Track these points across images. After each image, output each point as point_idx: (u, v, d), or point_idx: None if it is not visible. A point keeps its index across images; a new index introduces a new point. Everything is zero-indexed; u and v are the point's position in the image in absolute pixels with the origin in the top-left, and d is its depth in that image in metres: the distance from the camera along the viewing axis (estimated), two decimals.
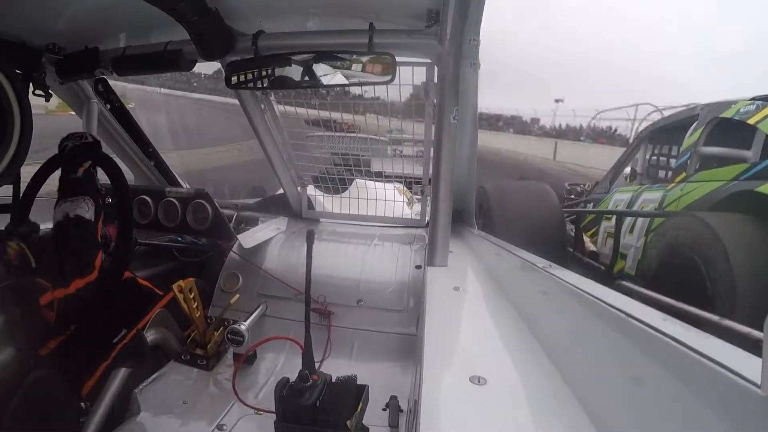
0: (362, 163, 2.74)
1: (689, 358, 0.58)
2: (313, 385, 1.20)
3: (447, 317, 1.25)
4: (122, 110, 2.61)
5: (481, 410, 0.76)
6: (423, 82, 2.00)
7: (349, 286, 2.16)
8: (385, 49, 1.60)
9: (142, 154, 2.83)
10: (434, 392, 0.82)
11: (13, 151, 1.48)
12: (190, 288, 1.89)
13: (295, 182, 2.76)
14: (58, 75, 2.07)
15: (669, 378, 0.63)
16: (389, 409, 1.55)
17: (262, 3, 1.68)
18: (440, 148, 1.68)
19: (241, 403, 1.66)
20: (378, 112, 2.26)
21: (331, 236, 2.69)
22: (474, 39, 1.61)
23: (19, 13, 1.71)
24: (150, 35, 1.94)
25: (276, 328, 2.06)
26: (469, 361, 0.94)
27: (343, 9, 1.69)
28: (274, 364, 1.97)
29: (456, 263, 1.74)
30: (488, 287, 1.51)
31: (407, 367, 1.84)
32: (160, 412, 1.66)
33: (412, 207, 3.25)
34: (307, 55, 1.64)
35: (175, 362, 1.93)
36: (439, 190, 1.72)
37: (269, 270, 2.26)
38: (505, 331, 1.14)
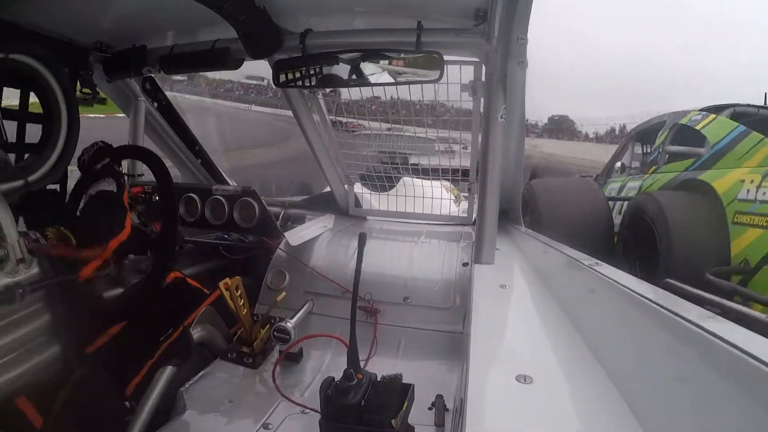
0: (409, 160, 2.73)
1: (737, 357, 0.57)
2: (358, 383, 1.19)
3: (493, 315, 1.25)
4: (169, 108, 2.65)
5: (528, 409, 0.76)
6: (470, 81, 1.99)
7: (396, 284, 2.16)
8: (433, 48, 1.60)
9: (189, 153, 2.86)
10: (480, 391, 0.82)
11: (60, 149, 1.49)
12: (237, 286, 1.89)
13: (342, 180, 2.77)
14: (106, 73, 2.11)
15: (715, 377, 0.62)
16: (435, 408, 1.53)
17: (309, 1, 1.70)
18: (487, 146, 1.68)
19: (286, 402, 1.67)
20: (426, 110, 2.25)
21: (377, 234, 2.69)
22: (521, 37, 1.59)
23: (67, 12, 1.75)
24: (197, 33, 1.96)
25: (322, 325, 2.06)
26: (515, 360, 0.94)
27: (391, 8, 1.69)
28: (320, 362, 1.98)
29: (503, 261, 1.73)
30: (535, 285, 1.50)
31: (453, 365, 1.83)
32: (206, 411, 1.67)
33: (459, 204, 3.23)
34: (354, 54, 1.65)
35: (221, 360, 1.94)
36: (486, 188, 1.71)
37: (316, 267, 2.27)
38: (552, 329, 1.13)
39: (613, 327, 1.01)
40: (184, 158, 2.87)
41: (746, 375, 0.56)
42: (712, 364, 0.64)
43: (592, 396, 0.82)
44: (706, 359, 0.65)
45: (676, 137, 5.17)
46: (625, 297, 0.96)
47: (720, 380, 0.62)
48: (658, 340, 0.80)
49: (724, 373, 0.61)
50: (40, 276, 1.27)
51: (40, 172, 1.42)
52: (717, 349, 0.62)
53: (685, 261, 3.67)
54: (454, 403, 1.47)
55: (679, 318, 0.73)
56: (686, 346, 0.70)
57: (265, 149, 16.19)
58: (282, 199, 3.23)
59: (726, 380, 0.61)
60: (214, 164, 3.04)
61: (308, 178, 4.94)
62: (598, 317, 1.10)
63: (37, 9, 1.67)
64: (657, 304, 0.82)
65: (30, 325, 1.24)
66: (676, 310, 0.76)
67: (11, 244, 1.23)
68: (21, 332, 1.21)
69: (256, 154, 15.16)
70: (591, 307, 1.17)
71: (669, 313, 0.76)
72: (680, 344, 0.72)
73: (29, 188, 1.38)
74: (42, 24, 1.77)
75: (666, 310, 0.78)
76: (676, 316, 0.74)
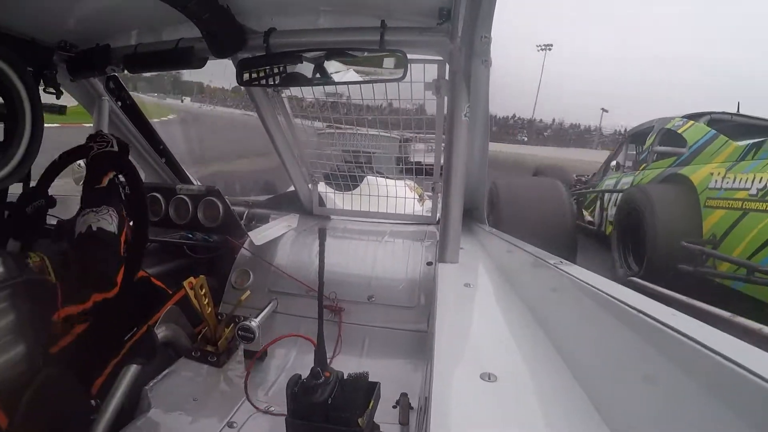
0: (373, 159, 2.73)
1: (700, 354, 0.58)
2: (325, 382, 1.19)
3: (458, 314, 1.25)
4: (133, 107, 2.61)
5: (492, 407, 0.77)
6: (434, 80, 2.00)
7: (360, 283, 2.16)
8: (397, 47, 1.60)
9: (153, 152, 2.83)
10: (445, 389, 0.82)
11: (24, 148, 1.46)
12: (201, 285, 1.88)
13: (306, 179, 2.76)
14: (70, 72, 2.07)
15: (680, 374, 0.63)
16: (400, 406, 1.54)
17: (273, 0, 1.68)
18: (452, 145, 1.68)
19: (252, 399, 1.67)
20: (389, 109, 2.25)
21: (342, 233, 2.69)
22: (485, 36, 1.60)
23: (30, 10, 1.71)
24: (161, 32, 1.93)
25: (287, 324, 2.06)
26: (479, 358, 0.94)
27: (355, 6, 1.69)
28: (285, 360, 1.97)
29: (467, 260, 1.74)
30: (499, 284, 1.52)
31: (418, 364, 1.84)
32: (171, 409, 1.66)
33: (423, 204, 3.25)
34: (318, 53, 1.64)
35: (186, 359, 1.93)
36: (450, 187, 1.72)
37: (280, 267, 2.26)
38: (516, 327, 1.14)
39: (577, 325, 1.02)
40: (148, 157, 2.83)
41: (709, 371, 0.57)
42: (675, 360, 0.65)
43: (557, 394, 0.82)
44: (669, 356, 0.66)
45: (663, 139, 6.52)
46: (590, 295, 0.97)
47: (683, 376, 0.63)
48: (622, 338, 0.81)
49: (687, 369, 0.62)
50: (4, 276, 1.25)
51: (5, 172, 1.39)
52: (680, 345, 0.63)
53: (666, 237, 4.85)
54: (419, 401, 1.47)
55: (642, 315, 0.74)
56: (650, 344, 0.71)
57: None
58: (246, 198, 3.22)
59: (689, 376, 0.62)
60: (178, 163, 3.01)
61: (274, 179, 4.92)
62: (563, 315, 1.11)
63: (0, 8, 1.63)
64: (621, 302, 0.83)
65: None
66: (639, 308, 0.77)
67: None
68: None
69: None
70: (555, 305, 1.19)
71: (633, 311, 0.77)
72: (644, 341, 0.73)
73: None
74: (4, 23, 1.72)
75: (630, 307, 0.79)
76: (640, 314, 0.75)
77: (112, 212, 1.57)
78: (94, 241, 1.50)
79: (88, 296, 1.44)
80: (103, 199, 1.60)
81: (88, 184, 1.64)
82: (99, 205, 1.57)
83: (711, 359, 0.56)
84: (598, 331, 0.92)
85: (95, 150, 1.69)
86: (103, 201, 1.59)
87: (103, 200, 1.59)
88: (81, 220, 1.54)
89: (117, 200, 1.65)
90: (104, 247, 1.52)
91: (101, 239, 1.50)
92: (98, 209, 1.56)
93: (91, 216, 1.54)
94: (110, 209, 1.58)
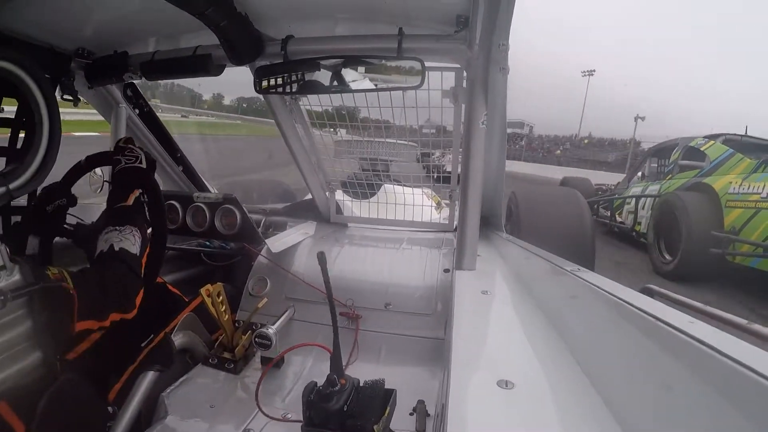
0: (390, 167, 2.73)
1: (717, 361, 0.58)
2: (341, 389, 1.18)
3: (475, 321, 1.25)
4: (151, 115, 2.63)
5: (509, 414, 0.76)
6: (452, 87, 2.00)
7: (377, 290, 2.16)
8: (415, 54, 1.60)
9: (171, 159, 2.85)
10: (462, 396, 0.82)
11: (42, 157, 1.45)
12: (218, 292, 1.89)
13: (323, 187, 2.77)
14: (87, 79, 2.09)
15: (697, 381, 0.63)
16: (416, 413, 1.53)
17: (291, 8, 1.69)
18: (469, 153, 1.68)
19: (268, 407, 1.63)
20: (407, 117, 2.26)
21: (359, 241, 2.69)
22: (503, 44, 1.60)
23: (48, 18, 1.73)
24: (179, 40, 1.95)
25: (304, 331, 2.06)
26: (496, 365, 0.94)
27: (373, 14, 1.69)
28: (302, 368, 1.97)
29: (484, 267, 1.74)
30: (516, 291, 1.51)
31: (435, 371, 1.83)
32: (188, 416, 1.66)
33: (441, 211, 3.24)
34: (336, 60, 1.64)
35: (203, 366, 1.94)
36: (467, 194, 1.72)
37: (297, 274, 2.26)
38: (533, 334, 1.13)
39: (594, 332, 1.02)
40: (165, 165, 2.84)
41: (728, 378, 0.56)
42: (692, 367, 0.64)
43: (574, 401, 0.82)
44: (686, 363, 0.66)
45: (686, 155, 8.63)
46: (607, 302, 0.97)
47: (700, 384, 0.62)
48: (639, 345, 0.80)
49: (704, 376, 0.61)
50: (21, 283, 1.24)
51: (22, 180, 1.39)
52: (697, 352, 0.62)
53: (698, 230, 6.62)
54: (436, 408, 1.46)
55: (660, 322, 0.74)
56: (667, 351, 0.71)
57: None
58: (263, 206, 3.22)
59: (706, 384, 0.61)
60: (196, 171, 3.02)
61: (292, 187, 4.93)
62: (580, 322, 1.10)
63: (18, 15, 1.65)
64: (639, 309, 0.82)
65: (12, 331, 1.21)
66: (657, 315, 0.76)
67: None
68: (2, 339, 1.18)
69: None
70: (572, 312, 1.18)
71: (651, 318, 0.77)
72: (662, 349, 0.72)
73: (11, 195, 1.35)
74: (23, 30, 1.75)
75: (647, 314, 0.78)
76: (658, 321, 0.75)
77: (135, 232, 1.55)
78: (116, 262, 1.48)
79: (107, 315, 1.40)
80: (128, 218, 1.58)
81: (112, 200, 1.62)
82: (123, 225, 1.54)
83: (728, 366, 0.56)
84: (615, 338, 0.91)
85: (123, 164, 1.67)
86: (127, 220, 1.56)
87: (127, 219, 1.57)
88: (103, 238, 1.51)
89: (141, 220, 1.63)
90: (126, 268, 1.49)
91: (123, 260, 1.48)
92: (122, 228, 1.53)
93: (114, 235, 1.51)
94: (134, 229, 1.55)
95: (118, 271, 1.45)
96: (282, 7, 1.68)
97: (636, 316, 0.82)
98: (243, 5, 1.57)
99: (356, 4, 1.65)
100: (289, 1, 1.64)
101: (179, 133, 2.70)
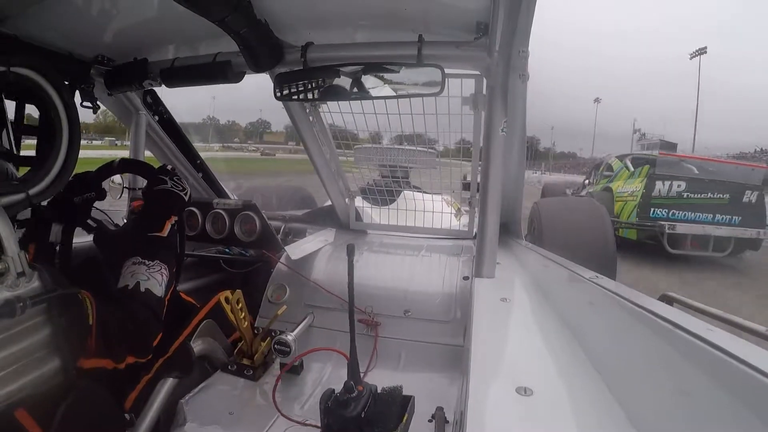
0: (410, 174, 2.73)
1: (736, 368, 0.57)
2: (358, 395, 1.19)
3: (494, 328, 1.24)
4: (170, 122, 2.65)
5: (528, 421, 0.76)
6: (471, 94, 2.00)
7: (397, 297, 2.16)
8: (434, 61, 1.60)
9: (191, 166, 2.86)
10: (481, 403, 0.81)
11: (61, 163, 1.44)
12: (238, 299, 1.90)
13: (343, 194, 2.78)
14: (107, 86, 2.09)
15: (715, 389, 0.62)
16: (435, 420, 1.53)
17: (310, 15, 1.69)
18: (489, 160, 1.68)
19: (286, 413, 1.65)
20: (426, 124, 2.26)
21: (378, 247, 2.70)
22: (523, 50, 1.59)
23: (68, 25, 1.75)
24: (199, 47, 1.96)
25: (323, 338, 2.06)
26: (515, 372, 0.93)
27: (392, 21, 1.69)
28: (321, 374, 1.97)
29: (503, 274, 1.73)
30: (535, 298, 1.50)
31: (454, 378, 1.82)
32: (207, 423, 1.67)
33: (460, 218, 3.23)
34: (355, 67, 1.64)
35: (222, 373, 1.95)
36: (487, 202, 1.72)
37: (317, 281, 2.27)
38: (552, 342, 1.13)
39: (613, 339, 1.01)
40: (185, 171, 2.86)
41: (748, 387, 0.56)
42: (711, 375, 0.64)
43: (593, 408, 0.81)
44: (706, 371, 0.65)
45: (606, 167, 13.35)
46: (626, 309, 0.96)
47: (721, 392, 0.62)
48: (658, 352, 0.79)
49: (723, 384, 0.61)
50: (40, 290, 1.25)
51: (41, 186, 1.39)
52: (717, 360, 0.62)
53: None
54: (455, 415, 1.46)
55: (678, 330, 0.73)
56: (687, 358, 0.70)
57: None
58: (283, 213, 3.24)
59: (727, 392, 0.60)
60: (215, 178, 3.04)
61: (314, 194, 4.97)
62: (599, 330, 1.10)
63: (38, 23, 1.67)
64: (657, 316, 0.81)
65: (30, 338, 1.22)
66: (676, 322, 0.76)
67: (12, 257, 1.21)
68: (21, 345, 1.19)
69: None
70: (591, 319, 1.17)
71: (669, 325, 0.76)
72: (681, 356, 0.72)
73: (30, 202, 1.36)
74: (43, 37, 1.77)
75: (666, 322, 0.78)
76: (677, 328, 0.74)
77: (164, 270, 1.51)
78: (140, 305, 1.44)
79: (123, 357, 1.39)
80: (159, 252, 1.53)
81: (146, 224, 1.58)
82: (153, 259, 1.50)
83: (747, 374, 0.56)
84: (634, 345, 0.91)
85: (168, 186, 1.63)
86: (157, 254, 1.52)
87: (158, 253, 1.52)
88: (130, 270, 1.47)
89: (171, 256, 1.59)
90: (149, 313, 1.45)
91: (147, 304, 1.44)
92: (151, 263, 1.49)
93: (142, 270, 1.47)
94: (163, 267, 1.51)
95: (142, 316, 1.43)
96: (301, 14, 1.68)
97: (654, 323, 0.81)
98: (263, 12, 1.57)
99: (376, 11, 1.66)
100: (308, 9, 1.65)
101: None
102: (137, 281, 1.44)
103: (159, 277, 1.48)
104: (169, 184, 1.64)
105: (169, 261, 1.55)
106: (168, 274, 1.52)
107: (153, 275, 1.47)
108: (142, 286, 1.43)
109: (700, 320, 0.78)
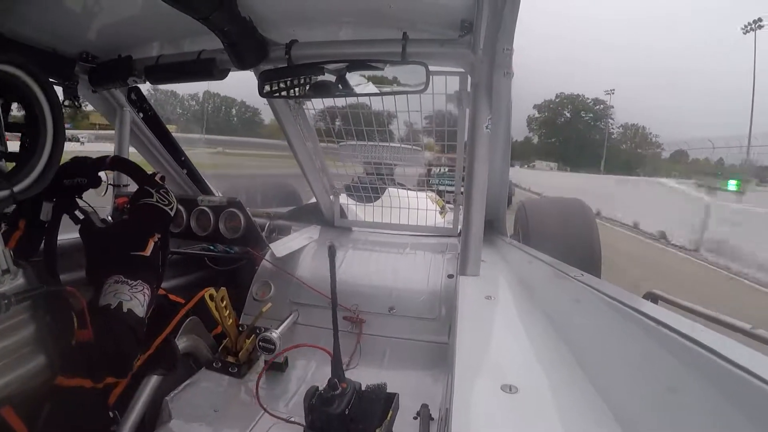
0: (394, 172, 2.73)
1: (720, 366, 0.58)
2: (342, 393, 1.20)
3: (479, 326, 1.24)
4: (155, 119, 2.63)
5: (513, 418, 0.76)
6: (456, 92, 2.00)
7: (381, 295, 2.16)
8: (419, 59, 1.60)
9: (175, 163, 2.84)
10: (466, 400, 0.82)
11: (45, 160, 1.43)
12: (222, 296, 1.90)
13: (327, 191, 2.78)
14: (91, 83, 2.08)
15: (700, 386, 0.63)
16: (420, 417, 1.53)
17: (295, 12, 1.69)
18: (473, 157, 1.68)
19: (271, 410, 1.66)
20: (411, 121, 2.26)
21: (363, 245, 2.70)
22: (507, 48, 1.60)
23: (52, 22, 1.74)
24: (183, 44, 1.95)
25: (308, 335, 2.06)
26: (500, 370, 0.94)
27: (377, 18, 1.69)
28: (305, 372, 1.98)
29: (488, 272, 1.73)
30: (520, 296, 1.50)
31: (439, 375, 1.83)
32: (191, 420, 1.67)
33: (445, 216, 3.24)
34: (340, 64, 1.64)
35: (207, 370, 1.94)
36: (471, 199, 1.71)
37: (301, 278, 2.27)
38: (537, 339, 1.13)
39: (598, 337, 1.02)
40: (169, 168, 2.83)
41: (731, 383, 0.56)
42: (696, 372, 0.64)
43: (578, 405, 0.82)
44: (691, 368, 0.66)
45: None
46: (611, 307, 0.97)
47: (705, 389, 0.62)
48: (643, 350, 0.80)
49: (709, 382, 0.61)
50: (25, 287, 1.24)
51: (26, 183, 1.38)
52: (702, 358, 0.62)
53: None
54: (440, 412, 1.46)
55: (664, 327, 0.74)
56: (672, 356, 0.71)
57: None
58: (267, 210, 3.22)
59: (711, 389, 0.61)
60: (200, 175, 3.02)
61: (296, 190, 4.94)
62: (584, 327, 1.10)
63: (22, 19, 1.66)
64: (642, 314, 0.82)
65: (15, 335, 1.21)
66: (661, 320, 0.76)
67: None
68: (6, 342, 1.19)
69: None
70: (576, 317, 1.18)
71: (654, 323, 0.77)
72: (665, 354, 0.72)
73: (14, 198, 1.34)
74: (26, 34, 1.75)
75: (651, 319, 0.78)
76: (661, 326, 0.75)
77: (146, 291, 1.47)
78: (122, 325, 1.40)
79: (102, 378, 1.37)
80: (142, 272, 1.50)
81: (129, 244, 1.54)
82: (135, 278, 1.46)
83: (731, 372, 0.56)
84: (618, 342, 0.91)
85: (154, 200, 1.60)
86: (140, 274, 1.49)
87: (140, 273, 1.49)
88: (112, 289, 1.42)
89: (153, 276, 1.55)
90: (131, 335, 1.42)
91: (129, 325, 1.41)
92: (133, 283, 1.45)
93: (125, 290, 1.43)
94: (145, 287, 1.47)
95: (123, 338, 1.40)
96: (286, 11, 1.68)
97: (639, 320, 0.82)
98: (247, 10, 1.56)
99: (360, 8, 1.65)
100: (293, 6, 1.64)
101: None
102: (120, 301, 1.41)
103: (141, 297, 1.45)
104: (155, 197, 1.60)
105: (151, 281, 1.52)
106: (150, 294, 1.50)
107: (135, 295, 1.44)
108: (124, 306, 1.41)
109: (684, 318, 0.78)
